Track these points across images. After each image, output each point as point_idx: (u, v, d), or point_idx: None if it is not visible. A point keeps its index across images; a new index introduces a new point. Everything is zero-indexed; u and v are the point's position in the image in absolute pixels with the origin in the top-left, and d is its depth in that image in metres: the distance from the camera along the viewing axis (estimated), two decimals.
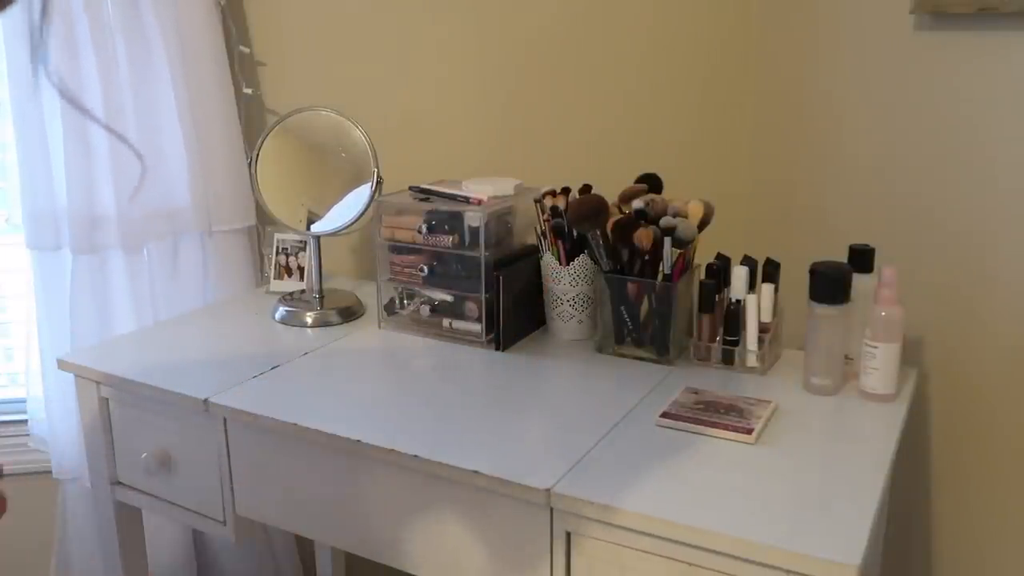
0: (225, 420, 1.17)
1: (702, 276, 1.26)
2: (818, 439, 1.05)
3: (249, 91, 1.74)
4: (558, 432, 1.06)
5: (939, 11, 1.17)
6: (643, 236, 1.20)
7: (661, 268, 1.23)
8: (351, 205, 1.45)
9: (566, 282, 1.33)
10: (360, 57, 1.66)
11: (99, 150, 1.55)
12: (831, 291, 1.14)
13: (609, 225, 1.23)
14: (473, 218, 1.31)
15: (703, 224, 1.24)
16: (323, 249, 1.51)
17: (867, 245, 1.19)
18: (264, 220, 1.72)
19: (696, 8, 1.36)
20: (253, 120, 1.77)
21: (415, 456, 1.00)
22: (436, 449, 1.01)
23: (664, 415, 1.07)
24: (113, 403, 1.30)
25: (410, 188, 1.41)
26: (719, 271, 1.25)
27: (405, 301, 1.41)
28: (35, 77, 1.58)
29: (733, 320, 1.22)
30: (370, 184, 1.44)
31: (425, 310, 1.38)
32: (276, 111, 1.75)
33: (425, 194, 1.39)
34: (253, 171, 1.48)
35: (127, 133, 1.59)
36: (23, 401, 1.76)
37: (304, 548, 1.93)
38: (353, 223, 1.45)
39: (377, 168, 1.44)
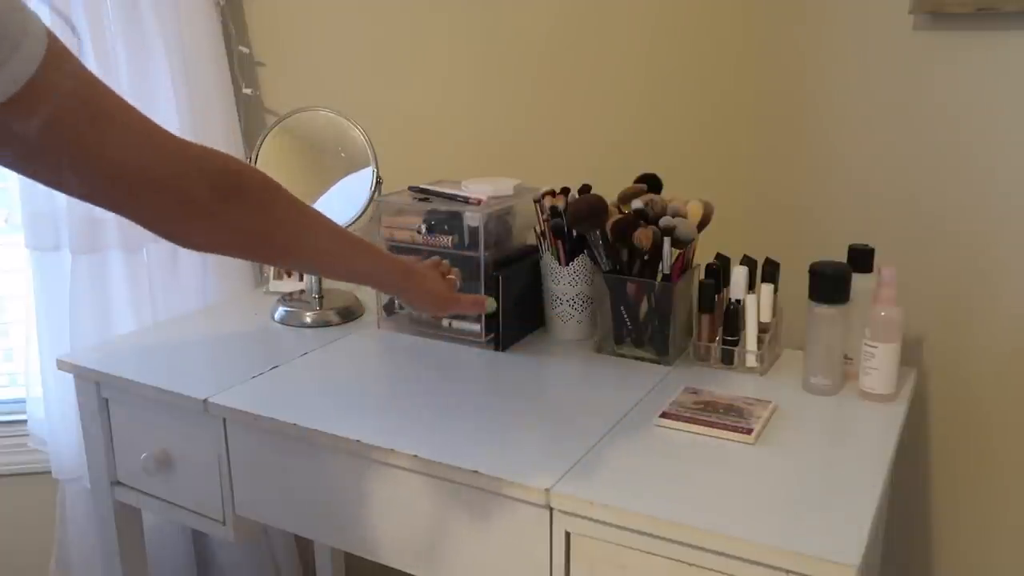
0: (224, 420, 1.17)
1: (702, 276, 1.26)
2: (818, 439, 1.05)
3: (249, 91, 1.74)
4: (558, 432, 1.06)
5: (938, 11, 1.17)
6: (642, 236, 1.20)
7: (660, 268, 1.23)
8: (350, 205, 1.45)
9: (565, 282, 1.33)
10: (360, 57, 1.66)
11: None
12: (831, 291, 1.14)
13: (608, 225, 1.23)
14: (472, 218, 1.31)
15: (702, 224, 1.24)
16: None
17: (867, 245, 1.19)
18: None
19: (696, 7, 1.36)
20: (252, 120, 1.77)
21: (415, 456, 1.00)
22: (436, 449, 1.01)
23: (664, 415, 1.07)
24: (113, 403, 1.30)
25: (409, 188, 1.41)
26: (719, 271, 1.25)
27: None
28: None
29: (733, 320, 1.22)
30: (369, 184, 1.44)
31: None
32: (275, 111, 1.75)
33: (424, 194, 1.39)
34: None
35: None
36: (23, 401, 1.76)
37: (304, 548, 1.93)
38: (352, 223, 1.45)
39: (376, 168, 1.44)
